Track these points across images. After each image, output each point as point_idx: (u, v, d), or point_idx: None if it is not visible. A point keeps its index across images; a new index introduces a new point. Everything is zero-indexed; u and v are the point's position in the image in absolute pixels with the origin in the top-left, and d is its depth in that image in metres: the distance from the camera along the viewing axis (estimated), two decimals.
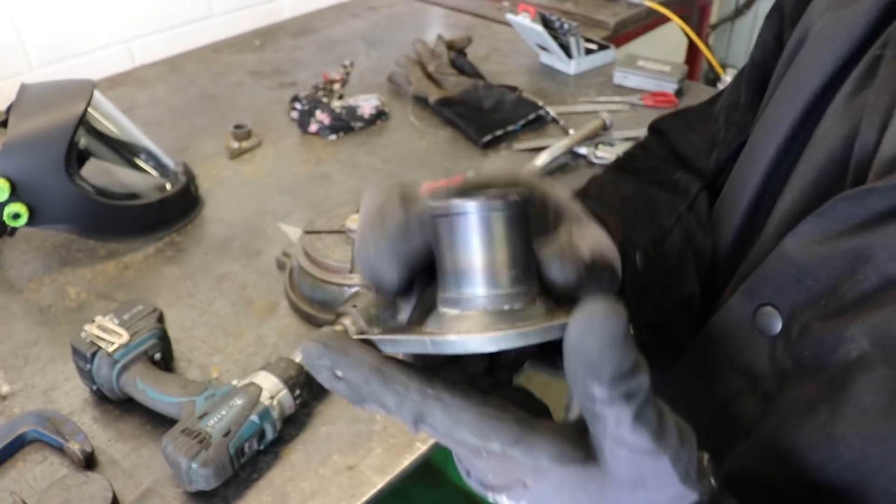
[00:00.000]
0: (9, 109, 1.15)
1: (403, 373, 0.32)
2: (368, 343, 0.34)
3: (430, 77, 1.63)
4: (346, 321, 0.91)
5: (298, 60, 1.84)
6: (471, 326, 0.33)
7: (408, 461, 0.86)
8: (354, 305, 0.91)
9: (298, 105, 1.55)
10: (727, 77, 1.72)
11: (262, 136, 1.51)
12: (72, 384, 0.95)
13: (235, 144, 1.45)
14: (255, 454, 0.85)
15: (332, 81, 1.56)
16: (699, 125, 0.74)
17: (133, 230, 1.21)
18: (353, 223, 1.04)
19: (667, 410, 0.32)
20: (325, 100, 1.54)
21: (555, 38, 1.69)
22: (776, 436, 0.46)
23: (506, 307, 0.33)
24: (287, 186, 1.36)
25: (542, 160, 1.35)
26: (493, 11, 2.07)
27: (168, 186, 1.28)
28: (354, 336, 0.35)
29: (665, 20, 2.03)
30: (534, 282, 0.35)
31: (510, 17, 1.74)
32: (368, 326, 0.88)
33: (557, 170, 1.36)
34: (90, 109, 1.21)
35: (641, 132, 1.20)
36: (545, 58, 1.76)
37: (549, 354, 0.41)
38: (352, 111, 1.52)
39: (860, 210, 0.45)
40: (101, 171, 1.28)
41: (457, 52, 1.70)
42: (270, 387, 0.86)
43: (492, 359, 0.40)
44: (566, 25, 1.68)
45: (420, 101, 1.60)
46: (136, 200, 1.22)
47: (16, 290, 1.12)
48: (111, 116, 1.29)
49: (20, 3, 1.57)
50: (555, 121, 1.51)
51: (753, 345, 0.51)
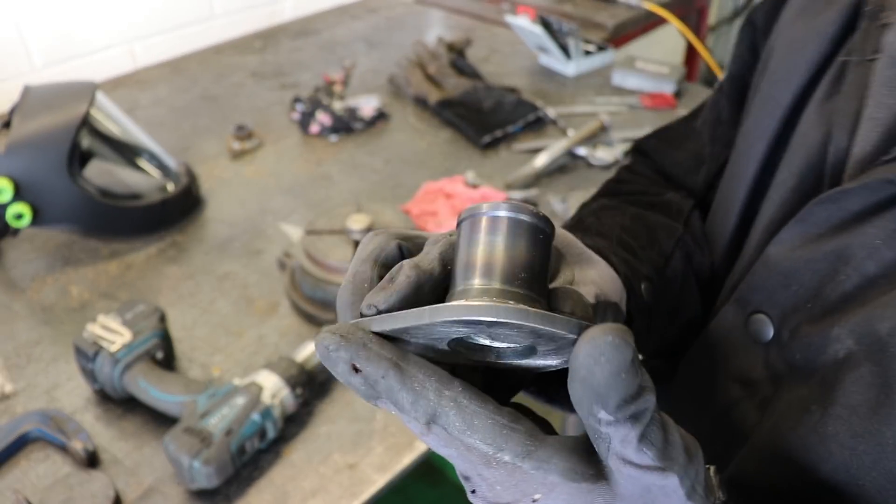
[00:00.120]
0: (12, 111, 1.16)
1: (422, 370, 0.32)
2: (382, 336, 0.33)
3: (431, 78, 1.64)
4: None
5: (299, 62, 1.85)
6: (472, 302, 0.32)
7: (408, 460, 0.87)
8: None
9: (299, 106, 1.55)
10: None
11: (264, 137, 1.51)
12: (74, 383, 0.96)
13: (237, 145, 1.46)
14: (257, 453, 0.86)
15: (333, 83, 1.56)
16: (683, 143, 0.74)
17: (135, 230, 1.22)
18: (354, 223, 1.05)
19: (672, 426, 0.32)
20: (326, 101, 1.54)
21: (554, 40, 1.69)
22: (772, 439, 0.46)
23: (511, 303, 0.32)
24: (288, 187, 1.37)
25: (542, 161, 1.35)
26: (493, 13, 2.07)
27: (170, 187, 1.29)
28: (351, 321, 0.33)
29: (663, 22, 2.04)
30: (544, 297, 0.34)
31: (509, 19, 1.74)
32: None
33: (556, 170, 1.37)
34: (93, 110, 1.22)
35: (640, 133, 1.21)
36: (544, 59, 1.77)
37: (547, 383, 0.40)
38: (352, 112, 1.53)
39: (837, 212, 0.46)
40: (104, 172, 1.29)
41: (457, 54, 1.71)
42: (272, 386, 0.86)
43: (490, 381, 0.39)
44: (565, 27, 1.69)
45: (420, 103, 1.61)
46: (138, 201, 1.23)
47: (19, 290, 1.13)
48: (113, 117, 1.30)
49: (23, 5, 1.57)
50: (554, 122, 1.52)
51: (748, 352, 0.51)
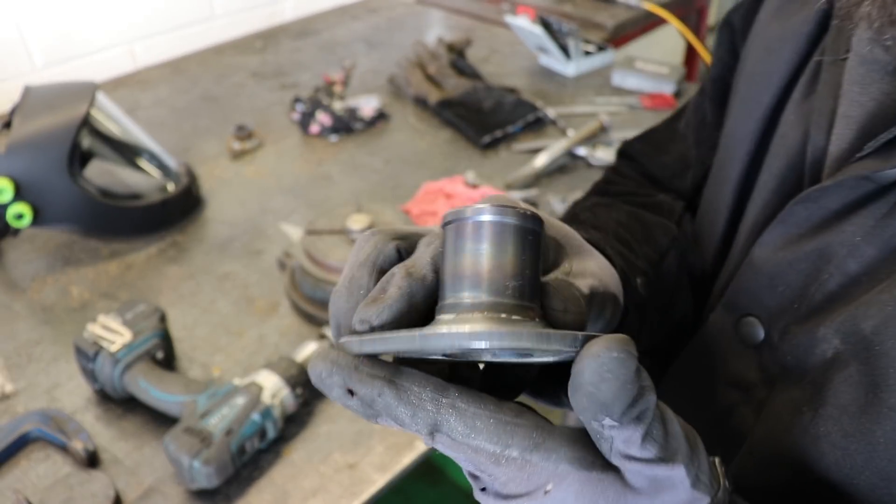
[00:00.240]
0: (13, 111, 1.16)
1: (416, 383, 0.32)
2: (373, 357, 0.33)
3: (431, 79, 1.64)
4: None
5: (300, 62, 1.85)
6: (464, 325, 0.31)
7: (408, 459, 0.87)
8: None
9: (299, 106, 1.56)
10: None
11: (264, 137, 1.52)
12: (74, 383, 0.96)
13: (237, 145, 1.46)
14: (257, 452, 0.86)
15: (333, 83, 1.56)
16: (668, 146, 0.74)
17: (135, 230, 1.22)
18: (354, 223, 1.05)
19: (671, 418, 0.32)
20: (326, 101, 1.54)
21: (554, 40, 1.69)
22: (768, 441, 0.46)
23: (503, 316, 0.32)
24: (288, 187, 1.37)
25: (541, 161, 1.36)
26: (493, 14, 2.08)
27: (170, 187, 1.29)
28: (341, 339, 0.33)
29: (663, 22, 2.04)
30: (537, 302, 0.34)
31: (509, 20, 1.75)
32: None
33: (556, 170, 1.37)
34: (93, 111, 1.22)
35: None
36: (544, 59, 1.77)
37: (549, 385, 0.40)
38: (352, 112, 1.53)
39: (817, 211, 0.46)
40: (104, 172, 1.29)
41: (456, 54, 1.71)
42: (272, 386, 0.86)
43: (490, 381, 0.39)
44: (565, 27, 1.69)
45: (420, 103, 1.61)
46: (139, 201, 1.23)
47: (19, 290, 1.13)
48: (114, 117, 1.30)
49: (24, 6, 1.58)
50: (554, 122, 1.52)
51: (741, 356, 0.51)
